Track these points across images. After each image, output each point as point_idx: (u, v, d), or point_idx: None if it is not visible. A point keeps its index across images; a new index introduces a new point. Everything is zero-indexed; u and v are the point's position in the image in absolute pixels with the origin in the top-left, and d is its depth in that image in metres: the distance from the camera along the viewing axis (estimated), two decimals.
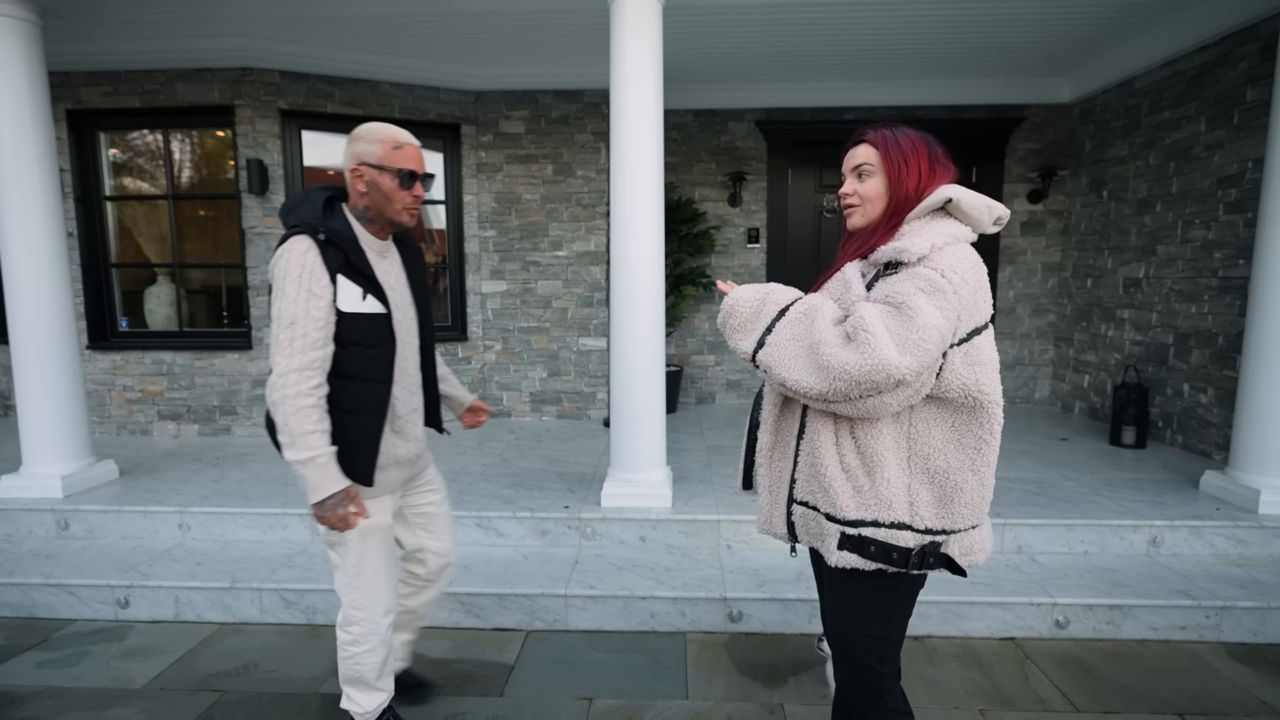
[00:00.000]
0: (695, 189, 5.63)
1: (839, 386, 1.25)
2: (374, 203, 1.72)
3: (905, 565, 1.34)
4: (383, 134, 1.71)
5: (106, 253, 4.78)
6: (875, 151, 1.41)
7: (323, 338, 1.61)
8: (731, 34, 4.28)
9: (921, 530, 1.34)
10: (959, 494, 1.34)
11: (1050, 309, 5.61)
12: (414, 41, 4.44)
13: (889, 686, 1.47)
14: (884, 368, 1.20)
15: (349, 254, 1.65)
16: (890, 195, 1.40)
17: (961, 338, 1.29)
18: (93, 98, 4.52)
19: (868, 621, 1.45)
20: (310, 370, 1.59)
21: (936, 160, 1.40)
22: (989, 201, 1.37)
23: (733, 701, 2.28)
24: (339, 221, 1.68)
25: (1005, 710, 2.23)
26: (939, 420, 1.35)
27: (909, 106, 5.38)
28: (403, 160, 1.70)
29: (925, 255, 1.28)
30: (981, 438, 1.33)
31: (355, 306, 1.65)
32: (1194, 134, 4.12)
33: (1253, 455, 3.21)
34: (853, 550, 1.36)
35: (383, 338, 1.71)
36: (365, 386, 1.69)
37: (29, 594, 2.83)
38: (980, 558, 1.41)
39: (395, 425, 1.82)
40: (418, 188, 1.74)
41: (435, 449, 4.37)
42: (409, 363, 1.85)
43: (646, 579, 2.82)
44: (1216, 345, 3.96)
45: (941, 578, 2.80)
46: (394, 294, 1.80)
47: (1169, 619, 2.62)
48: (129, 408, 4.77)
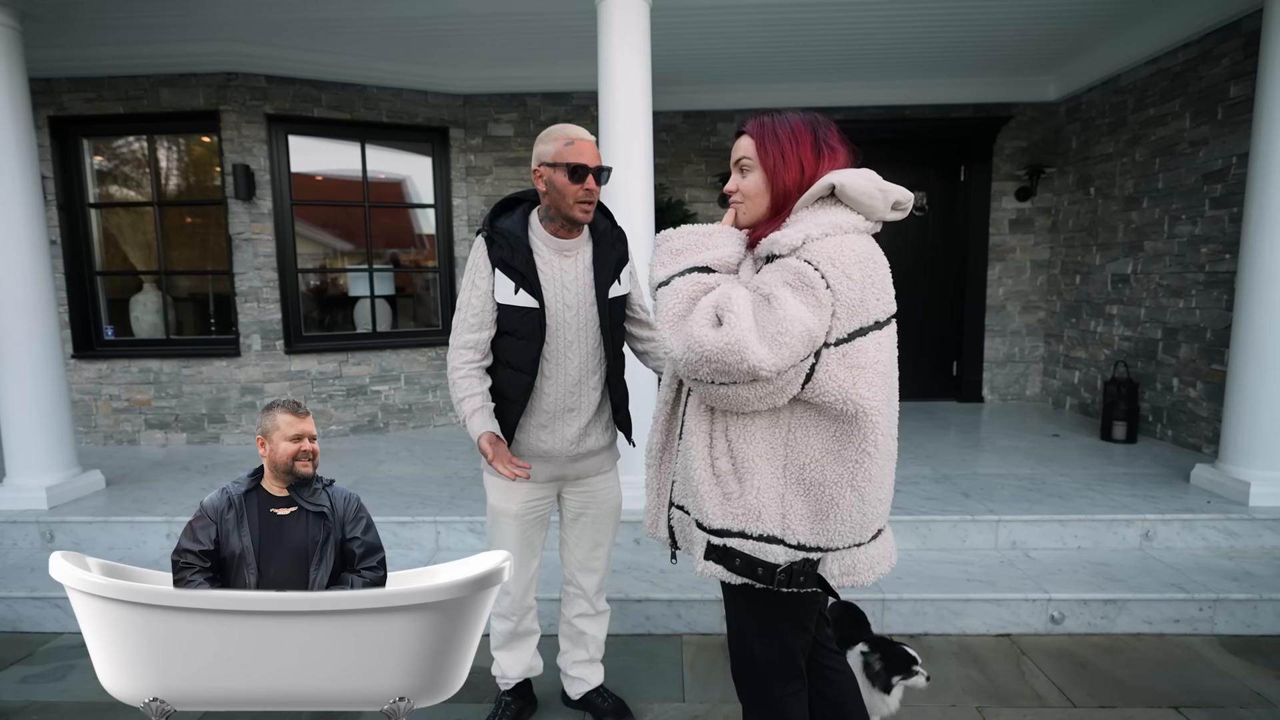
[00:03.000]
0: (685, 190, 5.62)
1: (690, 358, 1.15)
2: (553, 200, 1.77)
3: (772, 582, 1.23)
4: (559, 132, 1.76)
5: (91, 261, 4.73)
6: (753, 144, 1.30)
7: (478, 323, 1.81)
8: (720, 34, 4.28)
9: (794, 545, 1.24)
10: (835, 510, 1.23)
11: (1040, 306, 5.64)
12: (401, 45, 4.42)
13: (786, 706, 1.40)
14: (738, 350, 1.09)
15: (508, 250, 1.77)
16: (770, 190, 1.29)
17: (840, 337, 1.17)
18: (75, 104, 4.47)
19: (755, 638, 1.39)
20: (465, 349, 1.82)
21: (824, 146, 1.28)
22: (883, 185, 1.24)
23: (730, 703, 2.26)
24: (511, 222, 1.81)
25: (1002, 707, 2.22)
26: (817, 428, 1.23)
27: (897, 106, 5.41)
28: (574, 155, 1.72)
29: (797, 247, 1.17)
30: (864, 449, 1.21)
31: (509, 299, 1.78)
32: (1179, 130, 4.16)
33: (1242, 448, 3.23)
34: (718, 561, 1.26)
35: (532, 330, 1.78)
36: (511, 374, 1.82)
37: (13, 607, 2.78)
38: (868, 578, 1.28)
39: (541, 419, 1.86)
40: (590, 181, 1.74)
41: (428, 454, 4.33)
42: (570, 362, 1.84)
43: (642, 581, 2.80)
44: (1205, 339, 3.99)
45: (935, 574, 2.80)
46: (564, 291, 1.82)
47: (1163, 612, 2.63)
48: (116, 417, 4.71)
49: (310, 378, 4.76)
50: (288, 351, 4.68)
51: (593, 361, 1.88)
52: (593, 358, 1.88)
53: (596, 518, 2.03)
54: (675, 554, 1.47)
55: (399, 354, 5.01)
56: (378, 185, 5.02)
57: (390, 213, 5.14)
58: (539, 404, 1.85)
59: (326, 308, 5.06)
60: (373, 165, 4.94)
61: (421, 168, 5.10)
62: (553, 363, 1.83)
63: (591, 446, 1.94)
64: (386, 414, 5.01)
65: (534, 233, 1.82)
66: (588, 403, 1.90)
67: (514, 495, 1.91)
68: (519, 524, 1.93)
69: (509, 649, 2.08)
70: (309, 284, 4.90)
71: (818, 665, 1.58)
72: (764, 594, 1.30)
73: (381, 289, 5.07)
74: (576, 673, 2.15)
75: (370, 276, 5.00)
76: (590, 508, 2.01)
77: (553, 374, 1.84)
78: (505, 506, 1.92)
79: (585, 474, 1.98)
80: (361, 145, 4.87)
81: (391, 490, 3.58)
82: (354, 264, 5.04)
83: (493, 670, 2.11)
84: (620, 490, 2.09)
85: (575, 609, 2.10)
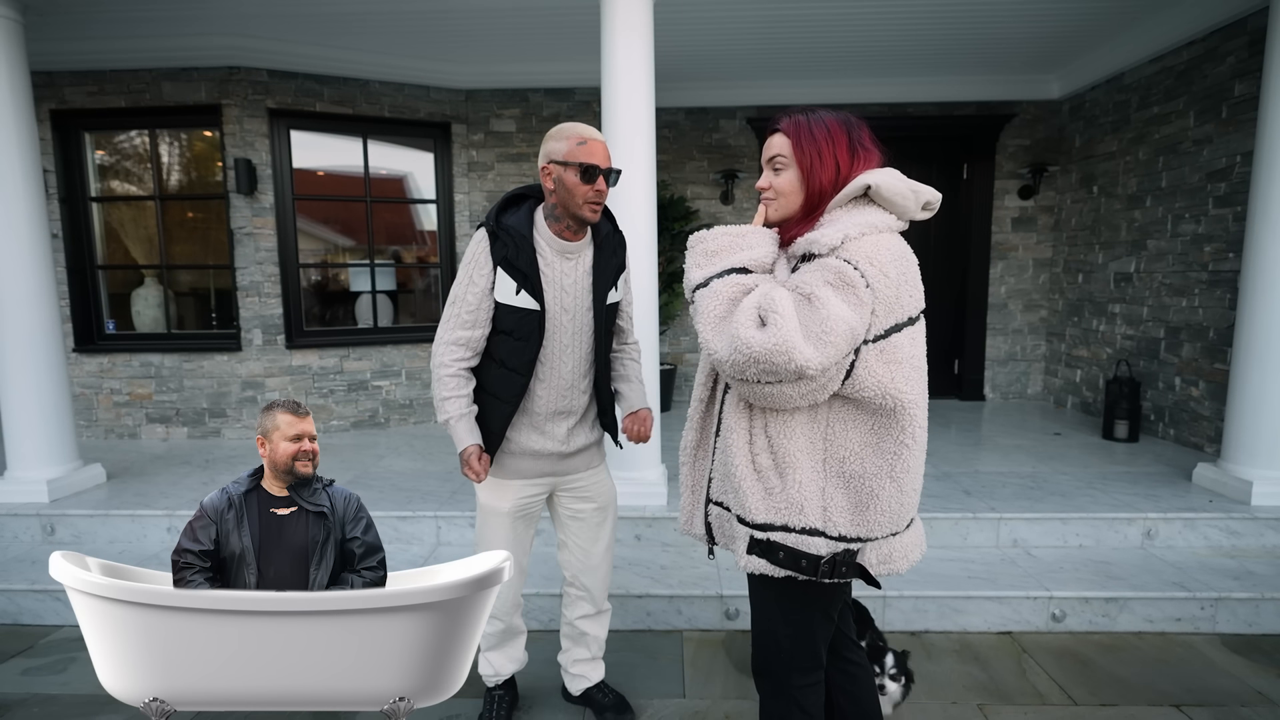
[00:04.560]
0: (688, 187, 5.62)
1: (737, 359, 1.17)
2: (560, 199, 1.74)
3: (815, 573, 1.27)
4: (571, 131, 1.73)
5: (93, 254, 4.72)
6: (788, 142, 1.32)
7: (472, 321, 1.77)
8: (723, 30, 4.27)
9: (835, 537, 1.27)
10: (875, 501, 1.26)
11: (1042, 304, 5.63)
12: (404, 39, 4.41)
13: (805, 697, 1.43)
14: (785, 350, 1.12)
15: (513, 249, 1.73)
16: (805, 188, 1.31)
17: (878, 334, 1.21)
18: (77, 98, 4.46)
19: (781, 630, 1.40)
20: (456, 346, 1.78)
21: (859, 146, 1.31)
22: (915, 186, 1.29)
23: (730, 699, 2.26)
24: (517, 219, 1.77)
25: (1003, 704, 2.22)
26: (856, 422, 1.27)
27: (900, 103, 5.39)
28: (586, 155, 1.70)
29: (837, 246, 1.21)
30: (902, 442, 1.25)
31: (509, 299, 1.74)
32: (1183, 129, 4.15)
33: (1244, 447, 3.22)
34: (761, 555, 1.29)
35: (530, 332, 1.76)
36: (506, 374, 1.80)
37: (14, 600, 2.78)
38: (902, 566, 1.32)
39: (534, 420, 1.85)
40: (600, 182, 1.72)
41: (429, 449, 4.33)
42: (564, 365, 1.83)
43: (642, 577, 2.80)
44: (1207, 338, 3.98)
45: (937, 571, 2.80)
46: (563, 295, 1.79)
47: (1164, 611, 2.63)
48: (117, 411, 4.71)
49: (311, 373, 4.76)
50: (289, 346, 4.67)
51: (584, 366, 1.88)
52: (585, 362, 1.87)
53: (595, 513, 2.02)
54: (713, 549, 1.49)
55: (400, 349, 5.01)
56: (379, 181, 5.01)
57: (392, 208, 5.13)
58: (532, 406, 1.85)
59: (328, 303, 5.05)
60: (375, 161, 4.93)
61: (423, 163, 5.09)
62: (548, 365, 1.82)
63: (581, 443, 1.94)
64: (387, 409, 5.01)
65: (538, 232, 1.79)
66: (578, 405, 1.90)
67: (505, 494, 1.91)
68: (510, 521, 1.92)
69: (500, 649, 2.08)
70: (310, 279, 4.90)
71: (839, 658, 1.60)
72: (797, 585, 1.32)
73: (383, 284, 5.07)
74: (578, 670, 2.15)
75: (372, 272, 4.99)
76: (588, 504, 2.01)
77: (547, 377, 1.83)
78: (497, 505, 1.91)
79: (576, 470, 1.97)
80: (363, 140, 4.86)
81: (392, 485, 3.58)
82: (355, 259, 5.04)
83: (480, 669, 2.09)
84: (614, 484, 2.09)
85: (578, 610, 2.09)
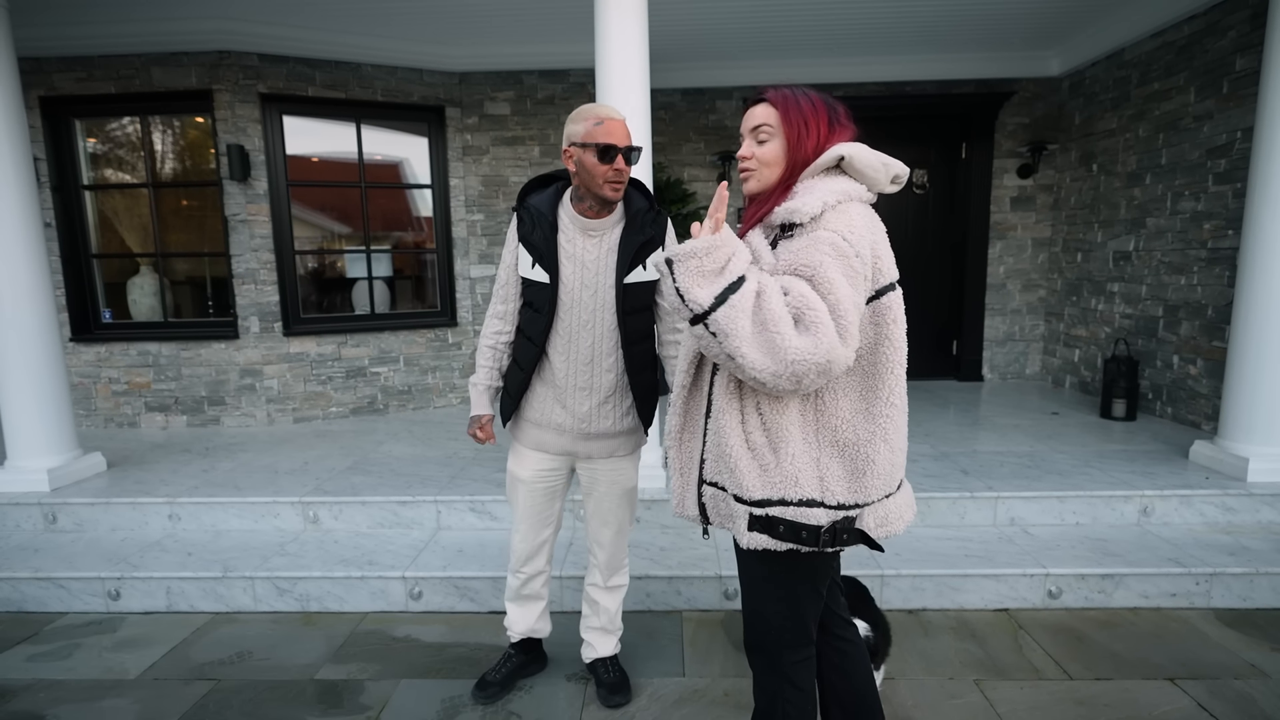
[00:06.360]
0: (684, 169, 5.58)
1: (796, 371, 1.15)
2: (582, 180, 1.79)
3: (817, 544, 1.28)
4: (589, 112, 1.77)
5: (87, 243, 4.70)
6: (775, 112, 1.34)
7: (504, 295, 1.96)
8: (719, 9, 4.22)
9: (834, 505, 1.29)
10: (871, 466, 1.29)
11: (1040, 284, 5.61)
12: (395, 21, 4.35)
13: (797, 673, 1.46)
14: (830, 355, 1.14)
15: (530, 226, 1.85)
16: (788, 158, 1.33)
17: (868, 298, 1.25)
18: (66, 84, 4.41)
19: (771, 608, 1.42)
20: (495, 319, 1.99)
21: (836, 122, 1.34)
22: (885, 159, 1.31)
23: (729, 678, 2.28)
24: (541, 199, 1.88)
25: (1000, 680, 2.25)
26: (845, 390, 1.30)
27: (898, 81, 5.34)
28: (603, 135, 1.73)
29: (817, 215, 1.23)
30: (891, 402, 1.29)
31: (528, 273, 1.87)
32: (1183, 105, 4.11)
33: (1241, 424, 3.23)
34: (763, 531, 1.30)
35: (544, 304, 1.85)
36: (524, 342, 1.93)
37: (18, 588, 2.80)
38: (899, 526, 1.35)
39: (557, 394, 1.93)
40: (619, 161, 1.75)
41: (428, 434, 4.34)
42: (582, 340, 1.88)
43: (642, 559, 2.82)
44: (1206, 316, 3.97)
45: (934, 550, 2.82)
46: (583, 271, 1.85)
47: (1160, 586, 2.65)
48: (115, 400, 4.71)
49: (309, 360, 4.75)
50: (286, 334, 4.66)
51: (607, 344, 1.88)
52: (607, 339, 1.88)
53: (603, 497, 2.05)
54: (707, 529, 1.51)
55: (398, 335, 5.00)
56: (374, 167, 4.97)
57: (387, 194, 5.10)
58: (550, 376, 1.92)
59: (324, 290, 5.04)
60: (369, 146, 4.89)
61: (418, 148, 5.04)
62: (564, 338, 1.87)
63: (605, 429, 1.95)
64: (386, 395, 5.01)
65: (564, 210, 1.87)
66: (602, 384, 1.91)
67: (525, 462, 2.01)
68: (528, 490, 2.02)
69: (516, 603, 2.20)
70: (306, 266, 4.87)
71: (831, 635, 1.61)
72: (782, 559, 1.34)
73: (379, 271, 5.05)
74: (589, 637, 2.23)
75: (368, 258, 4.97)
76: (598, 486, 2.04)
77: (563, 349, 1.88)
78: (517, 471, 2.03)
79: (595, 455, 1.99)
80: (357, 125, 4.81)
81: (392, 471, 3.59)
82: (352, 246, 5.01)
83: (505, 621, 2.24)
84: (635, 476, 2.08)
85: (591, 577, 2.20)
